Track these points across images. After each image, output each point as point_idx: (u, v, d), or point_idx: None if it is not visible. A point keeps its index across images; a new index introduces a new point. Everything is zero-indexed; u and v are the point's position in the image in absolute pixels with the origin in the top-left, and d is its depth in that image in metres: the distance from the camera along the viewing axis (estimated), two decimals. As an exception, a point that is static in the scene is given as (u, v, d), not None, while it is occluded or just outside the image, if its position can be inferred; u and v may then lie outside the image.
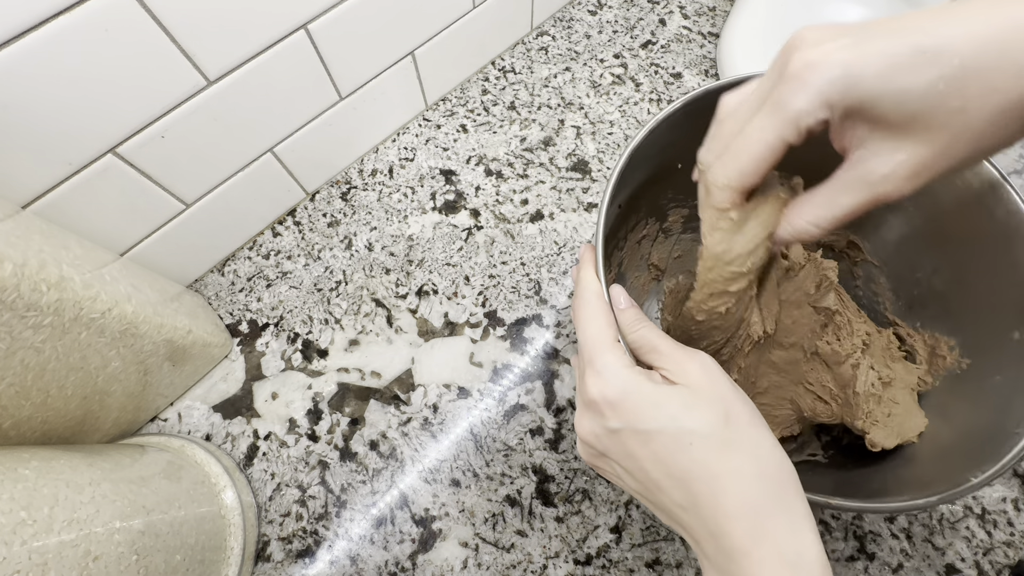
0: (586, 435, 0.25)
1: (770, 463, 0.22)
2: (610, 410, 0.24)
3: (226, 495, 0.39)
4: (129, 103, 0.35)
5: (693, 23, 0.64)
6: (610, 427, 0.24)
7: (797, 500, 0.22)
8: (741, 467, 0.22)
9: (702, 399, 0.23)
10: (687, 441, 0.22)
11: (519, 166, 0.55)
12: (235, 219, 0.48)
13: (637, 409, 0.23)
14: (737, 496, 0.21)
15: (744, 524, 0.21)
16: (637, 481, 0.24)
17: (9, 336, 0.28)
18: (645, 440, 0.23)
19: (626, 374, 0.24)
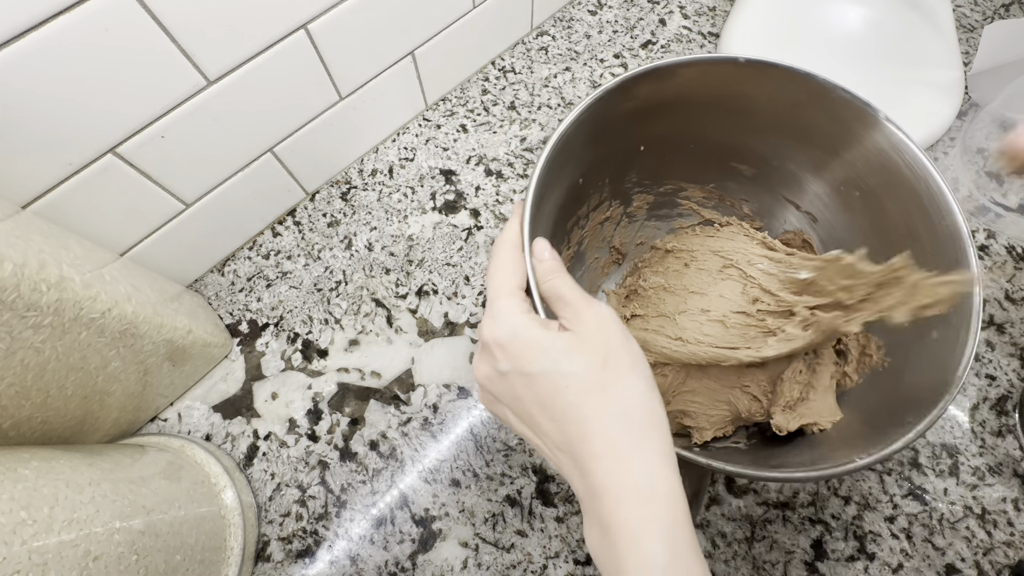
0: (480, 378, 0.26)
1: (637, 406, 0.23)
2: (500, 352, 0.25)
3: (226, 495, 0.39)
4: (129, 103, 0.35)
5: (693, 23, 0.64)
6: (500, 369, 0.25)
7: (658, 439, 0.23)
8: (609, 408, 0.23)
9: (585, 344, 0.24)
10: (564, 384, 0.23)
11: (519, 166, 0.55)
12: (235, 219, 0.48)
13: (523, 352, 0.24)
14: (602, 436, 0.23)
15: (606, 463, 0.22)
16: (524, 424, 0.25)
17: (9, 336, 0.28)
18: (529, 382, 0.24)
19: (517, 319, 0.25)
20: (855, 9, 0.59)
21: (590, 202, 0.43)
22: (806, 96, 0.36)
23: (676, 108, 0.38)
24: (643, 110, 0.38)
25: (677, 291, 0.41)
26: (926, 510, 0.42)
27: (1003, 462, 0.43)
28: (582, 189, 0.41)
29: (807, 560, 0.40)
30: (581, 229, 0.44)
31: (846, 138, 0.37)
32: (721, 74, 0.36)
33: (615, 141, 0.40)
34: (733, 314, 0.38)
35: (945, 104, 0.54)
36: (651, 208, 0.46)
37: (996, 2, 0.67)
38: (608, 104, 0.35)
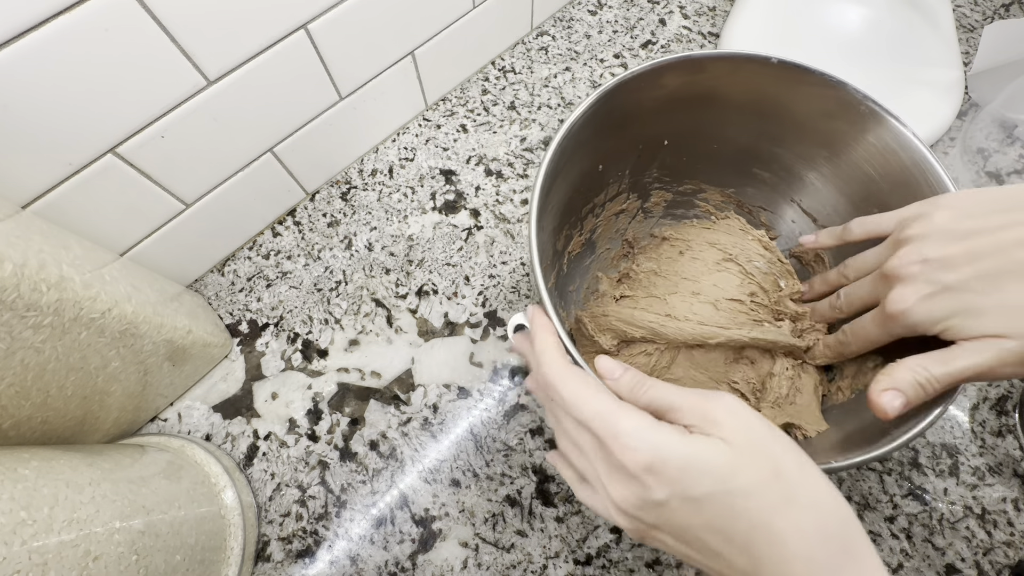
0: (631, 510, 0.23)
1: (831, 514, 0.21)
2: (652, 479, 0.21)
3: (226, 495, 0.39)
4: (129, 103, 0.35)
5: (693, 23, 0.64)
6: (655, 499, 0.22)
7: (865, 549, 0.21)
8: (802, 524, 0.20)
9: (744, 452, 0.21)
10: (742, 505, 0.21)
11: (519, 166, 0.55)
12: (235, 219, 0.48)
13: (680, 476, 0.21)
14: (802, 557, 0.20)
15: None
16: (694, 550, 0.22)
17: (9, 336, 0.28)
18: (696, 508, 0.21)
19: (657, 438, 0.22)
20: (855, 9, 0.59)
21: (608, 191, 0.42)
22: (835, 105, 0.35)
23: (704, 104, 0.38)
24: (670, 102, 0.37)
25: (669, 276, 0.41)
26: (926, 510, 0.42)
27: (1003, 462, 0.43)
28: (601, 176, 0.41)
29: (807, 560, 0.40)
30: (595, 217, 0.44)
31: (874, 156, 0.36)
32: (752, 73, 0.36)
33: (639, 131, 0.39)
34: (726, 300, 0.39)
35: (945, 104, 0.54)
36: (668, 206, 0.46)
37: (996, 2, 0.66)
38: (635, 90, 0.34)
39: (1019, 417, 0.45)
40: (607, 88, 0.33)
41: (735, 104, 0.38)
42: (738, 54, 0.35)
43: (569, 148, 0.33)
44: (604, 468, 0.23)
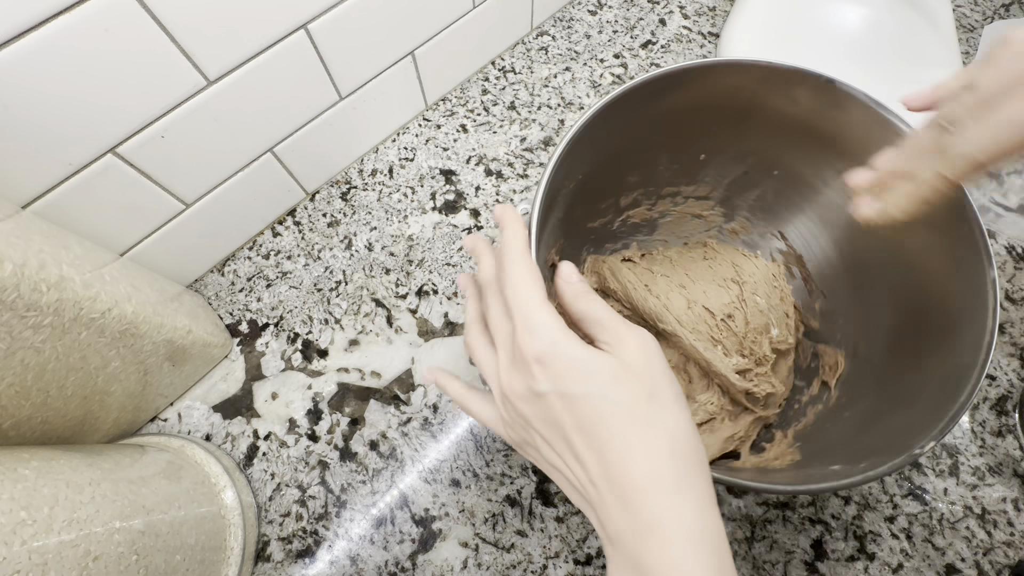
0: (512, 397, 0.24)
1: (683, 442, 0.23)
2: (539, 369, 0.23)
3: (226, 495, 0.39)
4: (129, 103, 0.35)
5: (693, 23, 0.64)
6: (537, 389, 0.23)
7: (704, 480, 0.22)
8: (655, 441, 0.22)
9: (631, 372, 0.23)
10: (609, 411, 0.22)
11: (519, 166, 0.55)
12: (235, 219, 0.48)
13: (567, 372, 0.23)
14: (648, 470, 0.22)
15: (651, 499, 0.21)
16: (555, 450, 0.24)
17: (9, 336, 0.28)
18: (570, 405, 0.23)
19: (559, 335, 0.23)
20: (855, 9, 0.59)
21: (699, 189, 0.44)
22: (879, 133, 0.35)
23: (752, 121, 0.37)
24: (712, 110, 0.37)
25: (677, 266, 0.43)
26: (926, 510, 0.42)
27: (1003, 462, 0.43)
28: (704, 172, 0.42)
29: (807, 560, 0.40)
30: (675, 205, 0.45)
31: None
32: (806, 94, 0.35)
33: (673, 138, 0.39)
34: (701, 307, 0.39)
35: (945, 104, 0.53)
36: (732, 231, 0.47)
37: (996, 2, 0.67)
38: (664, 90, 0.34)
39: (1019, 417, 0.45)
40: (636, 83, 0.33)
41: (789, 128, 0.37)
42: (786, 68, 0.34)
43: (593, 133, 0.33)
44: (507, 354, 0.24)
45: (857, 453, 0.30)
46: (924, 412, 0.29)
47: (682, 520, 0.21)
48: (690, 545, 0.21)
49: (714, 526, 0.21)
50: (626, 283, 0.41)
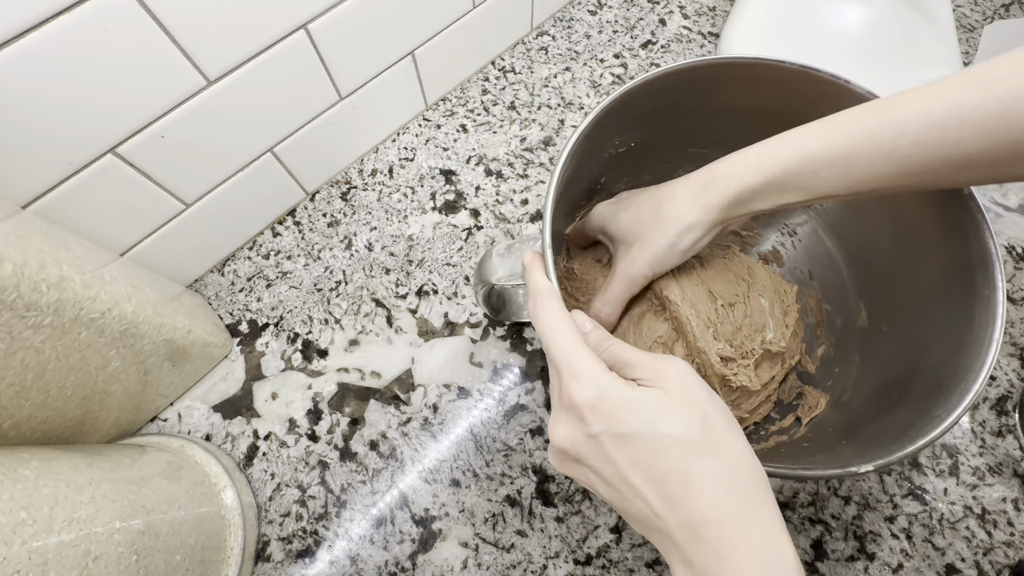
0: (562, 440, 0.25)
1: (743, 468, 0.22)
2: (590, 413, 0.24)
3: (226, 495, 0.39)
4: (129, 103, 0.35)
5: (693, 23, 0.64)
6: (589, 432, 0.24)
7: (770, 505, 0.22)
8: (716, 471, 0.22)
9: (678, 403, 0.23)
10: (663, 445, 0.22)
11: (519, 166, 0.55)
12: (235, 219, 0.48)
13: (615, 413, 0.23)
14: (712, 500, 0.21)
15: (720, 529, 0.21)
16: (612, 488, 0.24)
17: (9, 336, 0.28)
18: (622, 444, 0.23)
19: (604, 378, 0.24)
20: (855, 9, 0.59)
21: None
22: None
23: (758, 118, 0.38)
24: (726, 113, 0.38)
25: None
26: (926, 510, 0.42)
27: (1003, 462, 0.43)
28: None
29: (807, 560, 0.40)
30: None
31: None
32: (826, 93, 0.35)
33: (691, 128, 0.39)
34: (707, 289, 0.39)
35: (945, 104, 0.53)
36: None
37: (996, 2, 0.67)
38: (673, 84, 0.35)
39: (1019, 417, 0.45)
40: (656, 74, 0.33)
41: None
42: (813, 71, 0.35)
43: (604, 126, 0.34)
44: (555, 400, 0.26)
45: (798, 462, 0.31)
46: (885, 448, 0.29)
47: (754, 549, 0.21)
48: (765, 572, 0.21)
49: (786, 551, 0.21)
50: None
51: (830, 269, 0.43)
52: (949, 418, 0.27)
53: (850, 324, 0.40)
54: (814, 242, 0.43)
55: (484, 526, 0.41)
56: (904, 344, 0.35)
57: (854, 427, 0.34)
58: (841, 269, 0.42)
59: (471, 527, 0.41)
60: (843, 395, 0.38)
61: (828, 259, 0.43)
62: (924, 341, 0.33)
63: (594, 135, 0.34)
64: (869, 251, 0.40)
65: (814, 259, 0.44)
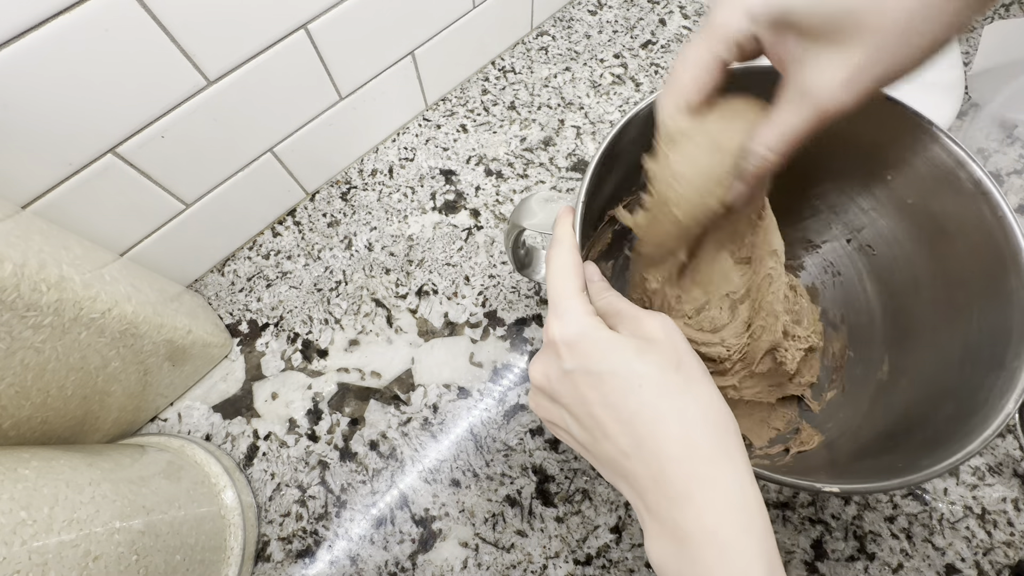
0: (539, 376, 0.25)
1: (715, 411, 0.22)
2: (566, 350, 0.24)
3: (226, 495, 0.39)
4: (129, 103, 0.35)
5: (693, 23, 0.64)
6: (564, 367, 0.24)
7: (739, 449, 0.22)
8: (686, 410, 0.22)
9: (656, 347, 0.23)
10: (636, 383, 0.22)
11: (519, 166, 0.55)
12: (235, 219, 0.48)
13: (592, 350, 0.23)
14: (680, 439, 0.21)
15: (687, 467, 0.21)
16: (584, 428, 0.24)
17: (9, 336, 0.28)
18: (596, 381, 0.23)
19: (587, 319, 0.24)
20: (855, 9, 0.59)
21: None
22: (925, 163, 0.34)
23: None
24: None
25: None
26: (926, 510, 0.42)
27: (1003, 462, 0.43)
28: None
29: (807, 560, 0.40)
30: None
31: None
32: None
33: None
34: (715, 259, 0.38)
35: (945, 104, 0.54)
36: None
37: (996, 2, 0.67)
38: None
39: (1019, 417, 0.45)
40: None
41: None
42: None
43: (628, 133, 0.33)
44: (544, 340, 0.26)
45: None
46: (860, 477, 0.29)
47: (720, 488, 0.21)
48: (729, 512, 0.20)
49: (752, 493, 0.21)
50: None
51: (863, 315, 0.41)
52: (934, 467, 0.27)
53: (869, 374, 0.39)
54: (854, 285, 0.42)
55: (484, 526, 0.41)
56: (918, 400, 0.34)
57: (839, 463, 0.34)
58: (875, 318, 0.41)
59: (471, 527, 0.41)
60: (840, 438, 0.37)
61: (864, 305, 0.42)
62: (939, 400, 0.33)
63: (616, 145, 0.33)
64: (908, 304, 0.39)
65: (850, 303, 0.43)
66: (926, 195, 0.35)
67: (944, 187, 0.33)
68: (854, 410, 0.38)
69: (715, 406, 0.23)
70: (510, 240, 0.37)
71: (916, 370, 0.36)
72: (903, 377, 0.36)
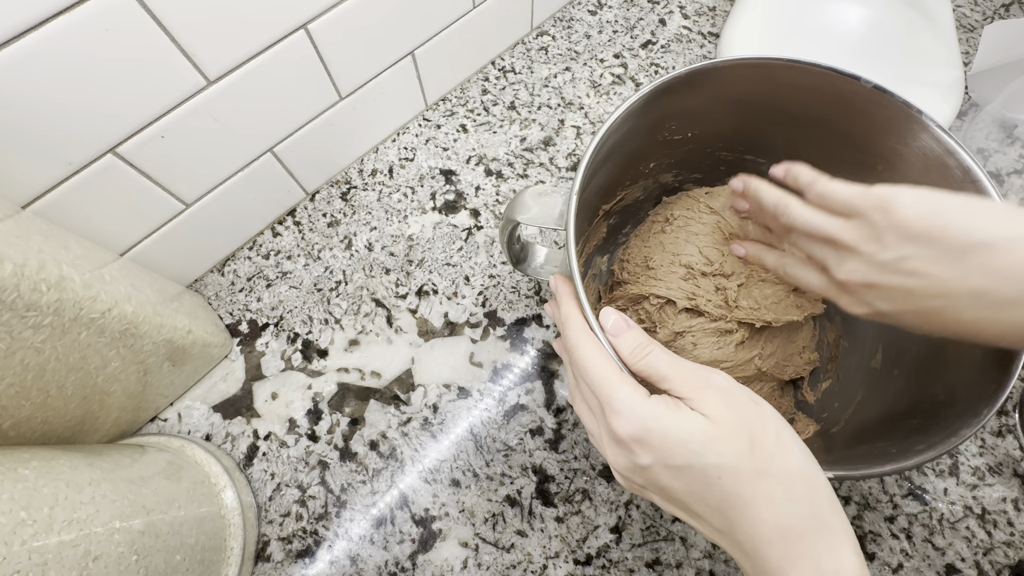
0: (622, 470, 0.25)
1: (799, 482, 0.22)
2: (638, 447, 0.24)
3: (226, 495, 0.39)
4: (129, 103, 0.35)
5: (693, 23, 0.64)
6: (641, 463, 0.24)
7: (833, 516, 0.22)
8: (771, 492, 0.22)
9: (724, 429, 0.23)
10: (715, 475, 0.22)
11: (519, 166, 0.55)
12: (235, 219, 0.48)
13: (663, 446, 0.23)
14: (770, 522, 0.22)
15: (779, 548, 0.21)
16: (679, 508, 0.24)
17: (9, 336, 0.28)
18: (676, 474, 0.23)
19: (645, 410, 0.24)
20: (855, 9, 0.59)
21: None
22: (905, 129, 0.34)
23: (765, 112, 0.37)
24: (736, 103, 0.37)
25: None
26: (926, 510, 0.42)
27: (1003, 462, 0.43)
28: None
29: (807, 560, 0.40)
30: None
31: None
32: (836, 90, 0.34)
33: (704, 128, 0.39)
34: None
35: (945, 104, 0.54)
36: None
37: (996, 2, 0.67)
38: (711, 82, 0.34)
39: (1019, 417, 0.45)
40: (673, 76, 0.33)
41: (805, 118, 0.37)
42: (834, 70, 0.34)
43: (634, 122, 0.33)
44: (605, 430, 0.25)
45: None
46: (852, 464, 0.29)
47: (813, 565, 0.21)
48: None
49: (849, 565, 0.21)
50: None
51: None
52: (928, 453, 0.27)
53: (862, 363, 0.40)
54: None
55: (484, 526, 0.41)
56: (910, 388, 0.35)
57: (832, 449, 0.35)
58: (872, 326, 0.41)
59: (471, 527, 0.41)
60: (834, 427, 0.38)
61: None
62: (931, 388, 0.33)
63: (651, 108, 0.33)
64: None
65: None
66: (917, 184, 0.35)
67: (934, 175, 0.34)
68: (848, 399, 0.39)
69: (798, 475, 0.23)
70: (505, 235, 0.37)
71: (908, 360, 0.36)
72: (895, 367, 0.37)
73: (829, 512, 0.22)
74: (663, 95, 0.34)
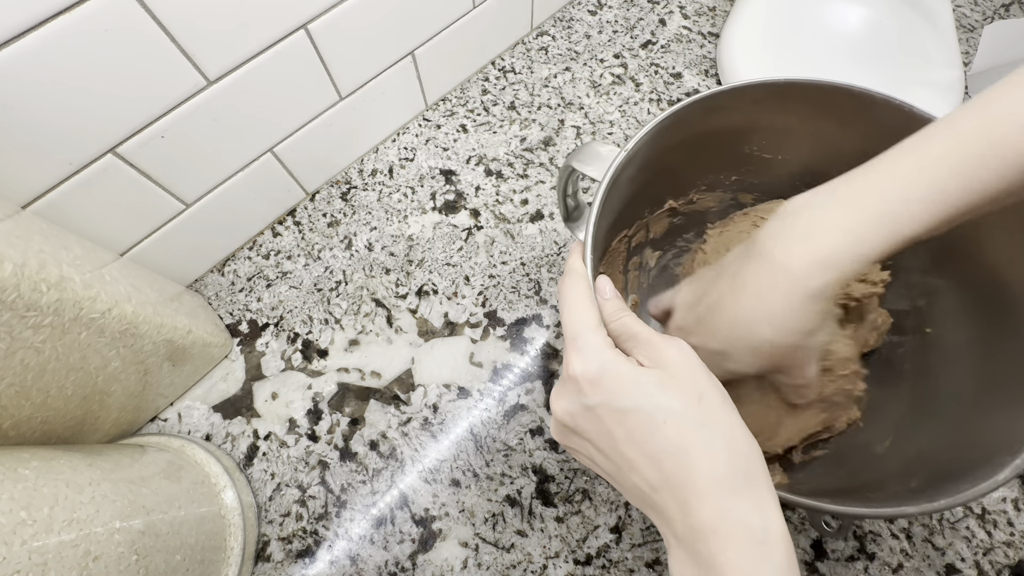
0: (561, 412, 0.26)
1: (738, 442, 0.23)
2: (588, 386, 0.24)
3: (226, 495, 0.39)
4: (129, 103, 0.35)
5: (693, 23, 0.64)
6: (587, 403, 0.24)
7: (763, 478, 0.23)
8: (712, 442, 0.22)
9: (677, 380, 0.24)
10: (661, 419, 0.23)
11: (519, 166, 0.55)
12: (235, 219, 0.48)
13: (615, 387, 0.24)
14: (706, 473, 0.22)
15: (711, 501, 0.22)
16: (609, 460, 0.24)
17: (9, 336, 0.28)
18: (620, 418, 0.23)
19: (607, 354, 0.25)
20: (855, 9, 0.59)
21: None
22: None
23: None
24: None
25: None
26: (926, 510, 0.42)
27: (1003, 462, 0.43)
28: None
29: (807, 560, 0.40)
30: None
31: None
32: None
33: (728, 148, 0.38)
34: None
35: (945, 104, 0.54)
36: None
37: (996, 2, 0.67)
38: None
39: (1019, 417, 0.44)
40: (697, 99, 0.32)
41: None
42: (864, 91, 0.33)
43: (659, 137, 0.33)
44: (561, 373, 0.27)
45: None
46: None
47: (742, 521, 0.21)
48: (752, 545, 0.21)
49: (778, 526, 0.22)
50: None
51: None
52: (956, 496, 0.26)
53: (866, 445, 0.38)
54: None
55: (484, 526, 0.41)
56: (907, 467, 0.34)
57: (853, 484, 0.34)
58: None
59: (471, 527, 0.41)
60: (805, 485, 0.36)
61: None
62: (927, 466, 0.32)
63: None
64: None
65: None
66: None
67: None
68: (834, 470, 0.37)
69: (738, 435, 0.23)
70: (561, 183, 0.36)
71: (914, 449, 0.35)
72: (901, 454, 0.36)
73: (760, 472, 0.23)
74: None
